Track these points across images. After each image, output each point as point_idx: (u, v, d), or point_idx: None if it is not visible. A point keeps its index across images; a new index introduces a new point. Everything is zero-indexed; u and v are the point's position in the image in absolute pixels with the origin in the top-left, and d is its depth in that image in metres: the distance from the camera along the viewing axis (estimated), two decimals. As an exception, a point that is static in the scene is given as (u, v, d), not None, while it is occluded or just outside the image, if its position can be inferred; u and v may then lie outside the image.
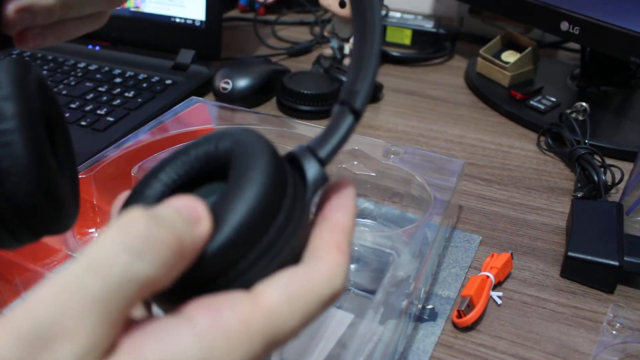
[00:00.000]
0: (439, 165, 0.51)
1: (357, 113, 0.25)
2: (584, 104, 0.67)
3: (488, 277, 0.45)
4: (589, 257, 0.46)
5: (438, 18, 0.94)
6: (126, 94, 0.70)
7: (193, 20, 0.80)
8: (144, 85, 0.73)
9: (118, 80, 0.74)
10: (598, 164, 0.57)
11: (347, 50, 0.80)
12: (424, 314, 0.44)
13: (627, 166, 0.59)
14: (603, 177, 0.55)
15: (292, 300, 0.21)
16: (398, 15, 0.95)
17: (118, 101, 0.69)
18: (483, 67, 0.80)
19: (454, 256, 0.50)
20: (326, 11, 0.90)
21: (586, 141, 0.61)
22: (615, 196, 0.57)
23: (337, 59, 0.81)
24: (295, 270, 0.22)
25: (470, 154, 0.65)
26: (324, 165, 0.24)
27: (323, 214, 0.24)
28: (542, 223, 0.54)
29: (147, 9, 0.82)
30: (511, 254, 0.48)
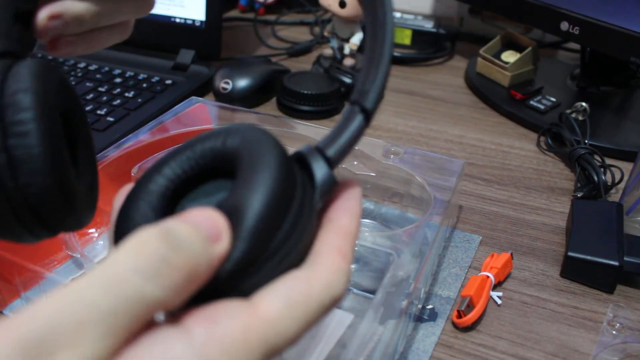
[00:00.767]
0: (439, 165, 0.52)
1: (368, 112, 0.24)
2: (584, 104, 0.67)
3: (488, 277, 0.45)
4: (589, 257, 0.46)
5: (438, 18, 0.94)
6: (126, 94, 0.70)
7: (193, 20, 0.80)
8: (144, 85, 0.73)
9: (118, 80, 0.74)
10: (598, 164, 0.57)
11: (347, 50, 0.80)
12: (424, 314, 0.44)
13: (627, 166, 0.59)
14: (603, 177, 0.55)
15: (292, 308, 0.20)
16: (398, 15, 0.95)
17: (118, 101, 0.69)
18: (483, 67, 0.80)
19: (454, 256, 0.50)
20: (326, 11, 0.90)
21: (586, 141, 0.61)
22: (615, 196, 0.57)
23: (337, 59, 0.81)
24: (295, 275, 0.21)
25: (470, 154, 0.65)
26: (333, 166, 0.24)
27: (328, 216, 0.24)
28: (542, 223, 0.54)
29: (147, 9, 0.82)
30: (511, 254, 0.48)
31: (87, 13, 0.32)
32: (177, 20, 0.81)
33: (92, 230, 0.49)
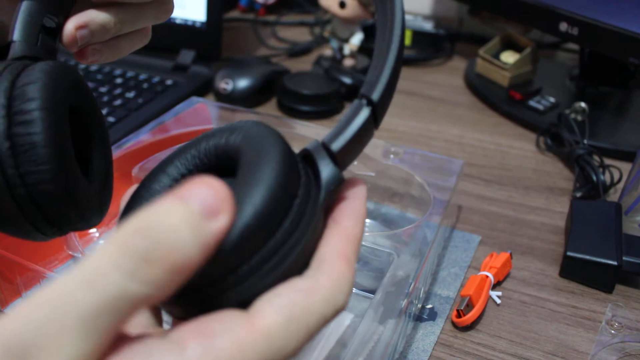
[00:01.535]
0: (439, 165, 0.52)
1: (374, 104, 0.23)
2: (583, 104, 0.67)
3: (487, 277, 0.45)
4: (588, 257, 0.46)
5: (438, 19, 0.94)
6: (127, 95, 0.71)
7: (194, 21, 0.80)
8: (145, 85, 0.73)
9: (119, 80, 0.74)
10: (597, 164, 0.57)
11: (347, 50, 0.80)
12: (424, 314, 0.44)
13: (626, 166, 0.59)
14: (602, 177, 0.56)
15: (292, 322, 0.19)
16: (398, 15, 0.95)
17: (119, 102, 0.69)
18: (482, 68, 0.80)
19: (454, 256, 0.50)
20: (326, 12, 0.91)
21: (585, 141, 0.62)
22: (614, 196, 0.57)
23: (337, 60, 0.81)
24: (297, 284, 0.21)
25: (469, 154, 0.65)
26: (340, 162, 0.23)
27: (333, 217, 0.23)
28: (541, 223, 0.54)
29: (148, 10, 0.82)
30: (510, 254, 0.48)
31: (111, 21, 0.33)
32: (178, 21, 0.81)
33: (94, 230, 0.49)
